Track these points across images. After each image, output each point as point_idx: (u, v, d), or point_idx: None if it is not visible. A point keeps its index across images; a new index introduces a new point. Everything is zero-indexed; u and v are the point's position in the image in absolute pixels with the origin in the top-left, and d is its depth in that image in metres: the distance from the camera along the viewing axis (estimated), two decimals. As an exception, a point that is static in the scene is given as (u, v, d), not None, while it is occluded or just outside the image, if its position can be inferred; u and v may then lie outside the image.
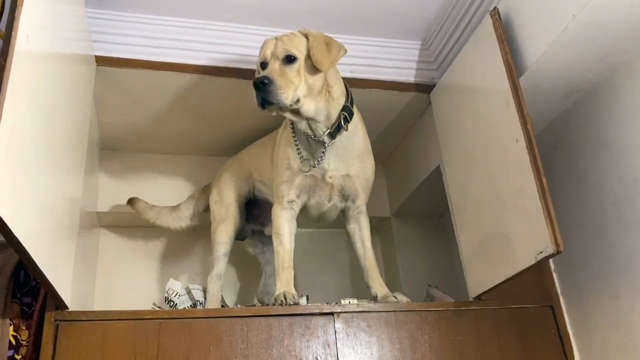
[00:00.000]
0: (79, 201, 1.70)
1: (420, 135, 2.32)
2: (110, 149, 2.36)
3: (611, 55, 1.64)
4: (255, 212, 2.18)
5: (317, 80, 1.71)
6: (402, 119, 2.30)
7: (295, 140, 1.82)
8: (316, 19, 1.97)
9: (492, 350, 1.73)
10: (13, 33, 1.01)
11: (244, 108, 2.14)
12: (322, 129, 1.76)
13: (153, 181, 2.35)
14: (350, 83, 2.04)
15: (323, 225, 2.27)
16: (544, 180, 1.50)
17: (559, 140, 1.94)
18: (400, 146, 2.50)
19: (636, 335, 1.62)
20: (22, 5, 1.05)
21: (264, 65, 1.71)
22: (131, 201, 2.24)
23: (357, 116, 1.86)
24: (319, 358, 1.60)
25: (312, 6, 1.92)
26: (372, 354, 1.64)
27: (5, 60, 0.97)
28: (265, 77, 1.62)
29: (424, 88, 2.14)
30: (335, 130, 1.77)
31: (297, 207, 1.87)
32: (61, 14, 1.49)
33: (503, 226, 1.67)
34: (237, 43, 1.97)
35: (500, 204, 1.69)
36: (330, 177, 1.82)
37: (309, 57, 1.69)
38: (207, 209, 2.22)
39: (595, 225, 1.77)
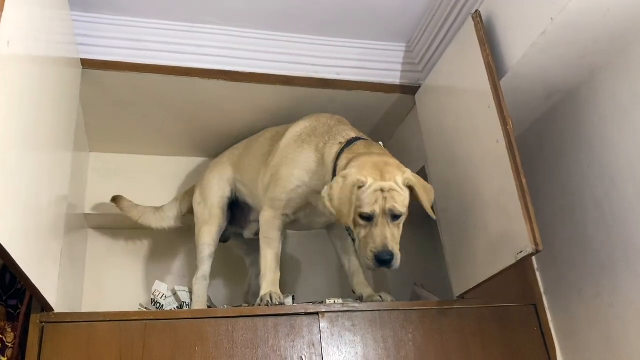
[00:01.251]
0: (65, 203, 1.71)
1: (405, 136, 2.33)
2: (98, 150, 2.37)
3: (590, 57, 1.67)
4: (237, 214, 2.19)
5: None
6: (388, 121, 2.32)
7: None
8: (302, 21, 1.99)
9: (476, 349, 1.75)
10: (-7, 38, 1.01)
11: (229, 110, 2.16)
12: None
13: (140, 183, 2.36)
14: (335, 85, 2.08)
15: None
16: (524, 181, 1.53)
17: (541, 140, 1.97)
18: (386, 147, 2.49)
19: (616, 332, 1.64)
20: (2, 10, 1.06)
21: (369, 218, 1.61)
22: (115, 199, 2.24)
23: None
24: (304, 357, 1.62)
25: (298, 9, 1.93)
26: (357, 353, 1.66)
27: (-15, 65, 0.97)
28: (387, 253, 1.58)
29: (409, 89, 2.16)
30: None
31: (288, 220, 1.89)
32: (45, 18, 1.49)
33: (485, 226, 1.69)
34: (222, 45, 1.98)
35: (482, 204, 1.71)
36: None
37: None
38: (191, 210, 2.23)
39: (577, 224, 1.80)
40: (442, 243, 1.97)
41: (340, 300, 1.74)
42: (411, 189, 1.66)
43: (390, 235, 1.61)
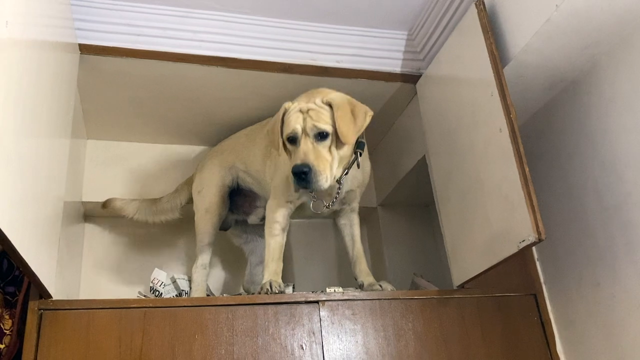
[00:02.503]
0: (63, 190, 1.69)
1: (406, 125, 2.32)
2: (95, 138, 2.35)
3: (593, 46, 1.66)
4: (239, 201, 2.18)
5: (347, 150, 1.70)
6: (389, 110, 2.30)
7: None
8: (301, 8, 1.96)
9: (476, 338, 1.75)
10: (-9, 18, 0.99)
11: (228, 97, 2.14)
12: (339, 174, 1.75)
13: (138, 170, 2.34)
14: (335, 73, 2.05)
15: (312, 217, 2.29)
16: (527, 170, 1.52)
17: (543, 130, 1.96)
18: (387, 136, 2.51)
19: (616, 323, 1.64)
20: (0, -10, 1.03)
21: (292, 139, 1.67)
22: (106, 204, 2.20)
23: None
24: (304, 346, 1.61)
25: (296, -5, 1.91)
26: (357, 341, 1.65)
27: (-17, 47, 0.95)
28: (304, 165, 1.59)
29: (410, 78, 2.14)
30: (350, 167, 1.77)
31: (294, 207, 1.88)
32: (43, 1, 1.47)
33: (486, 215, 1.68)
34: (221, 31, 1.96)
35: (483, 193, 1.70)
36: (338, 195, 1.82)
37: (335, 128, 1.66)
38: (190, 200, 2.22)
39: (578, 214, 1.80)
40: (442, 232, 1.97)
41: (341, 289, 1.73)
42: (330, 106, 1.69)
43: (312, 152, 1.63)
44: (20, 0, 1.23)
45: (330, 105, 1.69)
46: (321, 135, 1.66)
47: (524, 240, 1.48)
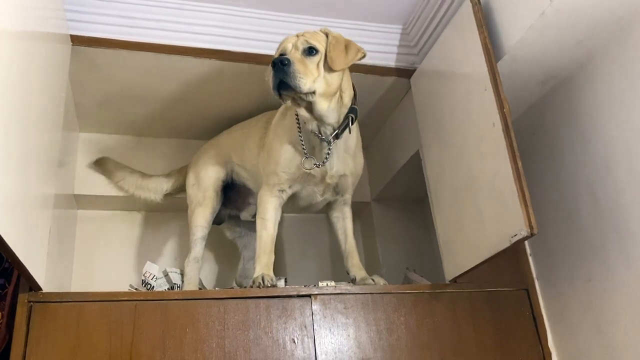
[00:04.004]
0: (53, 183, 1.68)
1: (400, 120, 2.32)
2: (88, 131, 2.33)
3: (587, 41, 1.65)
4: (233, 196, 2.18)
5: (334, 79, 1.69)
6: (383, 104, 2.30)
7: (300, 136, 1.79)
8: (297, 1, 1.95)
9: (468, 332, 1.75)
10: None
11: (222, 90, 2.12)
12: (329, 131, 1.75)
13: (130, 164, 2.32)
14: (330, 66, 2.04)
15: (305, 212, 2.28)
16: (520, 164, 1.52)
17: (536, 125, 1.96)
18: (381, 131, 2.50)
19: (607, 318, 1.65)
20: (-12, -22, 1.02)
21: (283, 55, 1.66)
22: (98, 162, 2.23)
23: None
24: (295, 339, 1.61)
25: (292, -12, 1.90)
26: (349, 335, 1.65)
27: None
28: (285, 57, 1.59)
29: (405, 73, 2.14)
30: (341, 131, 1.77)
31: (285, 197, 1.87)
32: (33, -9, 1.45)
33: (479, 209, 1.68)
34: (216, 24, 1.95)
35: (476, 188, 1.70)
36: (330, 178, 1.83)
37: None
38: (177, 190, 2.23)
39: (570, 209, 1.80)
40: (434, 227, 1.97)
41: (333, 283, 1.73)
42: (327, 35, 1.71)
43: (298, 59, 1.62)
44: (9, -9, 1.21)
45: (326, 34, 1.72)
46: (310, 51, 1.66)
47: (516, 235, 1.48)
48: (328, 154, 1.77)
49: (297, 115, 1.78)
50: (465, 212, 1.76)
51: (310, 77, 1.62)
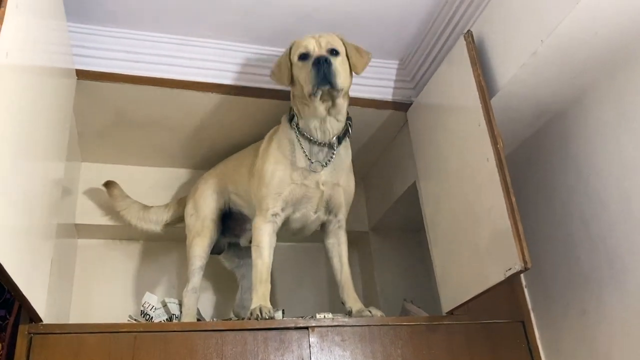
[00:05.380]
0: (56, 213, 1.71)
1: (397, 151, 2.36)
2: (90, 160, 2.37)
3: (579, 78, 1.70)
4: (231, 224, 2.20)
5: (350, 81, 1.83)
6: (380, 136, 2.34)
7: (301, 146, 1.85)
8: (296, 37, 1.99)
9: (464, 365, 1.76)
10: (-8, 50, 1.02)
11: (222, 122, 2.17)
12: (333, 132, 1.84)
13: (131, 193, 2.34)
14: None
15: (300, 239, 2.31)
16: (513, 200, 1.55)
17: (531, 158, 2.00)
18: (379, 162, 2.54)
19: (602, 350, 1.66)
20: (1, 23, 1.06)
21: (304, 56, 1.77)
22: (108, 184, 2.27)
23: None
24: (293, 372, 1.61)
25: (292, 25, 1.96)
26: (346, 367, 1.66)
27: (-17, 76, 0.98)
28: (324, 56, 1.71)
29: (401, 106, 2.19)
30: (342, 136, 1.86)
31: (279, 221, 1.89)
32: (42, 28, 1.50)
33: (475, 242, 1.71)
34: (216, 59, 2.00)
35: (472, 221, 1.73)
36: (323, 184, 1.86)
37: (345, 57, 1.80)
38: (176, 220, 2.26)
39: (564, 241, 1.83)
40: (431, 258, 1.99)
41: (330, 315, 1.74)
42: (342, 42, 1.83)
43: (329, 57, 1.73)
44: (21, 29, 1.26)
45: (340, 38, 1.84)
46: (334, 52, 1.77)
47: (510, 269, 1.50)
48: (331, 157, 1.85)
49: (297, 127, 1.86)
50: (461, 245, 1.79)
51: (344, 75, 1.75)
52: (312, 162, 1.84)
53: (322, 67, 1.69)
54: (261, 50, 2.05)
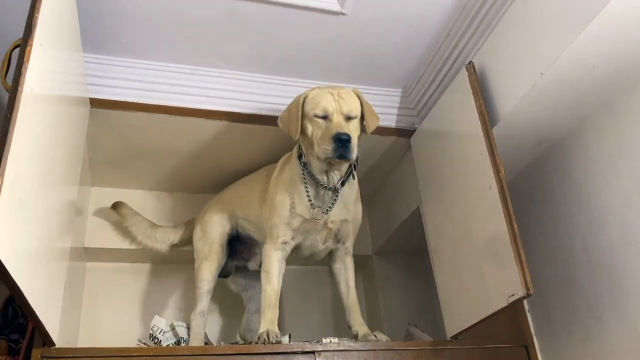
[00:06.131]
0: (70, 237, 1.75)
1: (400, 177, 2.40)
2: (99, 185, 2.41)
3: (578, 108, 1.75)
4: (239, 248, 2.23)
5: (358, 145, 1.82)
6: (384, 162, 2.39)
7: (306, 188, 1.87)
8: (302, 66, 2.07)
9: (468, 389, 1.78)
10: (19, 88, 1.07)
11: (230, 148, 2.23)
12: (337, 178, 1.86)
13: (141, 218, 2.39)
14: (334, 128, 2.14)
15: (307, 262, 2.34)
16: (515, 226, 1.59)
17: (532, 186, 2.04)
18: (382, 187, 2.58)
19: (604, 376, 1.68)
20: (28, 61, 1.12)
21: (323, 116, 1.78)
22: (116, 205, 2.31)
23: None
24: (299, 396, 1.64)
25: (299, 55, 2.02)
26: (352, 392, 1.68)
27: (11, 113, 1.03)
28: (346, 134, 1.72)
29: (404, 133, 2.24)
30: (346, 179, 1.88)
31: (289, 249, 1.93)
32: (62, 60, 1.56)
33: (478, 268, 1.74)
34: (226, 88, 2.06)
35: (475, 247, 1.77)
36: (332, 223, 1.90)
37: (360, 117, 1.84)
38: (184, 242, 2.30)
39: (567, 268, 1.86)
40: (435, 282, 2.02)
41: (337, 340, 1.77)
42: (359, 98, 1.86)
43: (343, 124, 1.76)
44: (43, 64, 1.32)
45: (358, 96, 1.87)
46: (350, 118, 1.80)
47: (513, 295, 1.53)
48: (335, 200, 1.86)
49: (303, 167, 1.87)
50: (465, 270, 1.82)
51: (356, 145, 1.77)
52: (314, 208, 1.87)
53: (342, 144, 1.71)
54: (269, 79, 2.11)
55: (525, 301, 2.02)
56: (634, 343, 1.59)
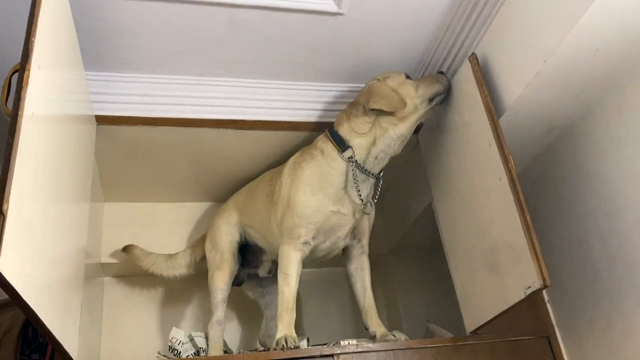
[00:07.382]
0: (84, 254, 1.76)
1: (411, 173, 2.39)
2: (112, 200, 2.44)
3: (584, 94, 1.73)
4: (248, 256, 2.23)
5: None
6: (393, 160, 2.37)
7: (355, 182, 1.88)
8: (304, 69, 2.06)
9: (491, 384, 1.76)
10: (19, 112, 1.08)
11: (237, 156, 2.24)
12: (382, 165, 1.95)
13: (153, 229, 2.41)
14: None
15: (322, 264, 2.34)
16: (528, 218, 1.56)
17: (543, 175, 2.01)
18: (394, 184, 2.57)
19: (629, 363, 1.65)
20: (27, 86, 1.13)
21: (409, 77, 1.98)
22: (126, 248, 2.31)
23: None
24: (320, 400, 1.63)
25: (301, 59, 2.01)
26: (373, 393, 1.67)
27: (13, 137, 1.04)
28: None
29: (412, 129, 2.22)
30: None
31: (308, 249, 1.91)
32: (63, 80, 1.57)
33: (493, 261, 1.72)
34: (230, 95, 2.06)
35: (489, 240, 1.74)
36: (358, 213, 1.91)
37: None
38: (204, 257, 2.28)
39: (583, 256, 1.83)
40: (452, 278, 2.00)
41: (355, 341, 1.76)
42: None
43: None
44: (44, 86, 1.33)
45: None
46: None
47: (530, 287, 1.51)
48: (379, 187, 1.94)
49: (348, 160, 1.88)
50: (480, 264, 1.80)
51: None
52: (363, 203, 1.90)
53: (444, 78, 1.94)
54: (271, 84, 2.10)
55: (545, 292, 2.00)
56: (658, 329, 1.56)
